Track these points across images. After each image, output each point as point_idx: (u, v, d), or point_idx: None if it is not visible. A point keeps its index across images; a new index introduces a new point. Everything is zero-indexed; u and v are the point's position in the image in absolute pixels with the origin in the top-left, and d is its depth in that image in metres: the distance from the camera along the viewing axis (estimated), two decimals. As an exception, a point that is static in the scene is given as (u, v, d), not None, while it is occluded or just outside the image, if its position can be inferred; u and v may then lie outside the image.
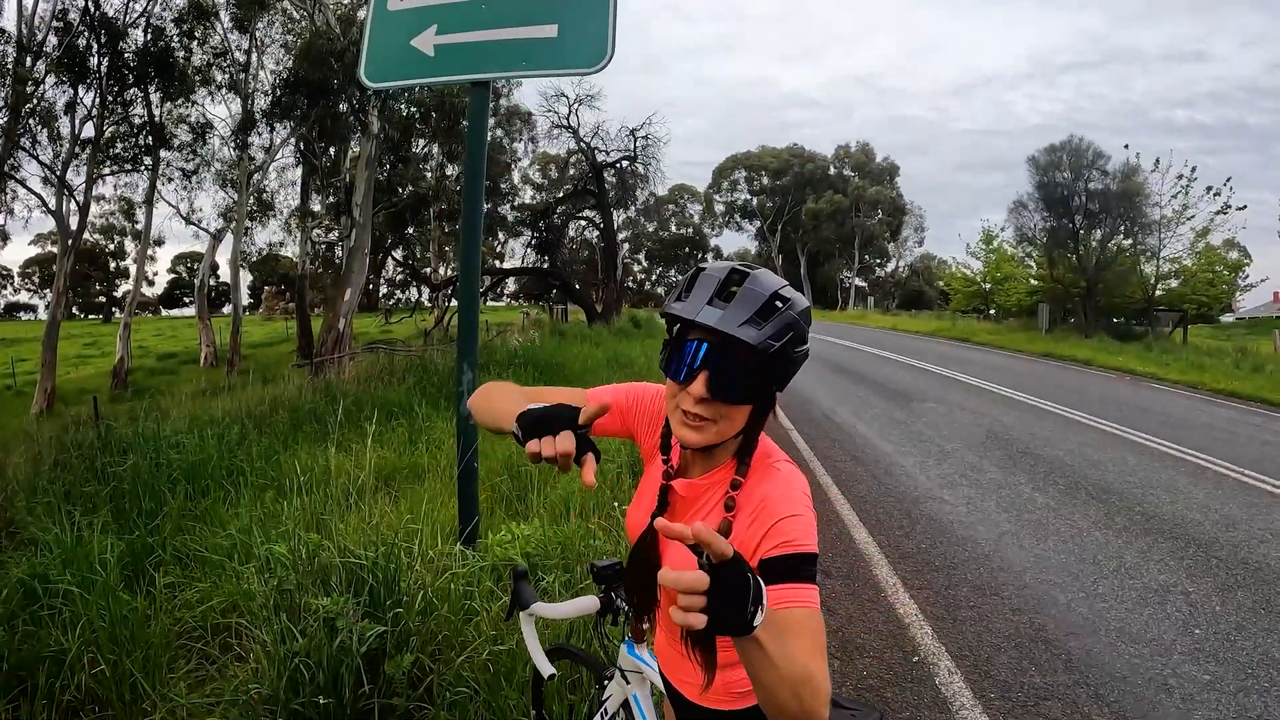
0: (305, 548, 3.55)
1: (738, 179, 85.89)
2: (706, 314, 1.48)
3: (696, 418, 1.54)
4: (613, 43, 4.78)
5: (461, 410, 4.81)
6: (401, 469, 7.29)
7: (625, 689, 2.23)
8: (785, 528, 1.46)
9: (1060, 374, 19.64)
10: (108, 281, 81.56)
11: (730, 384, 1.52)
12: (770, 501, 1.51)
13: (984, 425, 11.50)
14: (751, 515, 1.52)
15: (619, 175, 35.72)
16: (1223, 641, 4.70)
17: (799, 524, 1.47)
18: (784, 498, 1.51)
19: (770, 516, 1.48)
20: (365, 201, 22.74)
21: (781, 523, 1.47)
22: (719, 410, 1.54)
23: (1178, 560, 6.04)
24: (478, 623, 3.60)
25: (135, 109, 25.90)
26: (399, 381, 11.98)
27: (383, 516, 4.75)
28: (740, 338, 1.46)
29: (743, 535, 1.52)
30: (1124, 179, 30.14)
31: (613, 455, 7.26)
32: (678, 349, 1.56)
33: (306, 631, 3.02)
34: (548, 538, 4.87)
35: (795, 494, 1.52)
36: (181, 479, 6.37)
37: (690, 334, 1.54)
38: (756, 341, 1.46)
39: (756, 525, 1.50)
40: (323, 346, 21.30)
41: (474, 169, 5.10)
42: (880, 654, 4.51)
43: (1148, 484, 8.26)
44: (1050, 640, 4.70)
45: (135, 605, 3.99)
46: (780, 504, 1.49)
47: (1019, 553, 6.18)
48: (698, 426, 1.55)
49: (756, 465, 1.60)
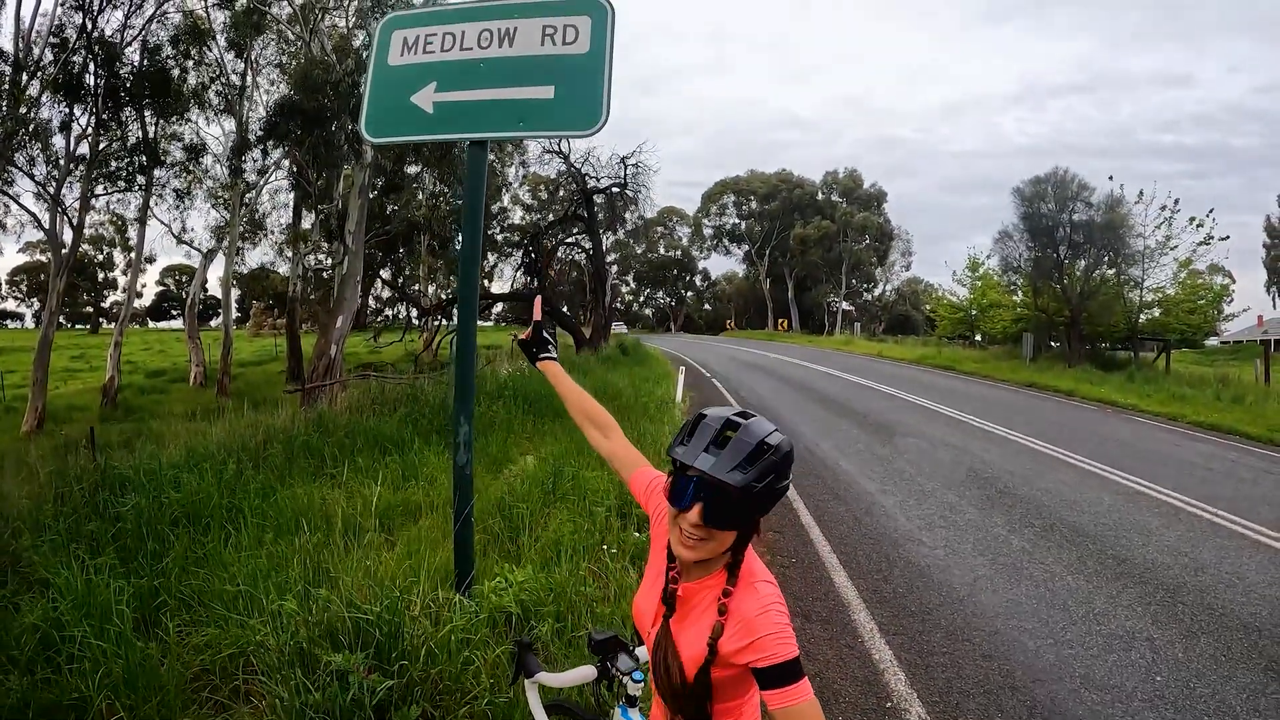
0: (315, 603, 3.76)
1: (726, 203, 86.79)
2: (702, 460, 1.81)
3: (692, 538, 1.85)
4: (607, 107, 4.99)
5: (459, 460, 5.04)
6: (396, 505, 7.44)
7: None
8: (767, 644, 1.77)
9: (1042, 406, 19.95)
10: (95, 292, 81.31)
11: (720, 515, 1.81)
12: (750, 622, 1.81)
13: (964, 463, 11.75)
14: (736, 626, 1.83)
15: (609, 200, 35.99)
16: (1182, 689, 4.92)
17: (778, 639, 1.77)
18: (763, 617, 1.81)
19: (752, 633, 1.80)
20: (358, 230, 22.90)
21: (763, 640, 1.78)
22: (710, 533, 1.83)
23: (1145, 606, 6.27)
24: (476, 670, 3.81)
25: (130, 128, 26.05)
26: (390, 412, 12.09)
27: (382, 563, 4.95)
28: (729, 482, 1.78)
29: (729, 642, 1.83)
30: (1108, 210, 30.53)
31: (601, 498, 7.50)
32: (679, 482, 1.86)
33: (319, 684, 3.23)
34: (540, 586, 5.09)
35: (772, 613, 1.81)
36: (182, 518, 6.51)
37: (690, 470, 1.83)
38: (741, 484, 1.78)
39: (739, 637, 1.81)
40: (314, 373, 21.41)
41: (473, 227, 5.30)
42: (855, 700, 4.74)
43: (1121, 526, 8.50)
44: (1017, 687, 4.93)
45: (149, 651, 4.18)
46: (760, 623, 1.80)
47: (992, 597, 6.41)
48: (692, 546, 1.86)
49: (743, 579, 1.89)
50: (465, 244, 5.37)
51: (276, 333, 51.17)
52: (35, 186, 24.44)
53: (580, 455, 9.15)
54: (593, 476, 8.26)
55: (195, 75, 27.99)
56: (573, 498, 7.54)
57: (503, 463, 9.70)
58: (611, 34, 5.06)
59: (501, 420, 12.25)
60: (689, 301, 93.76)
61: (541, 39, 5.10)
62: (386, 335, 38.25)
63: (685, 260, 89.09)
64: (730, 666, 1.84)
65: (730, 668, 1.84)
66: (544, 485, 7.79)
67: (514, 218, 48.20)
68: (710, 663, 1.85)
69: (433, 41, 5.30)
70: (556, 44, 5.09)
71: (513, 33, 5.15)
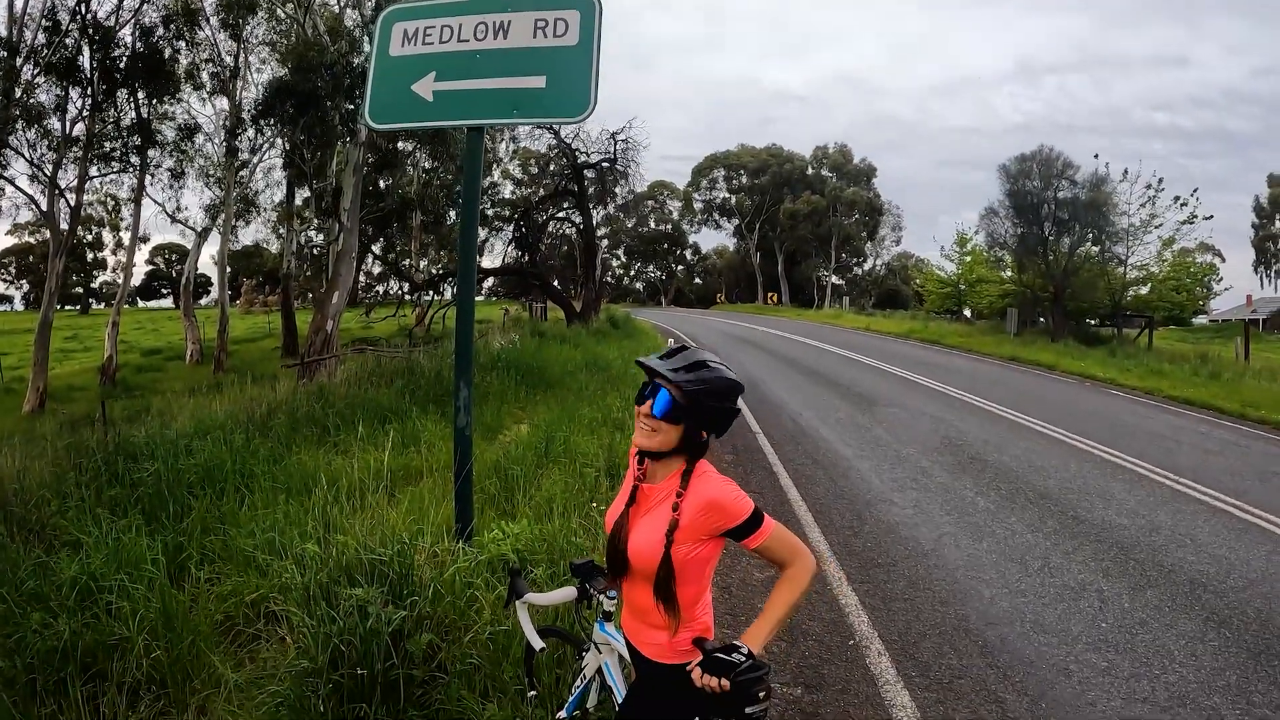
0: (335, 547, 4.23)
1: (717, 177, 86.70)
2: (654, 362, 2.40)
3: (644, 429, 2.42)
4: (595, 94, 5.38)
5: (459, 423, 5.47)
6: (398, 470, 7.83)
7: (598, 658, 2.98)
8: (729, 509, 2.35)
9: (1022, 379, 20.34)
10: (84, 273, 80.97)
11: (665, 408, 2.37)
12: (709, 500, 2.36)
13: (940, 431, 12.17)
14: (696, 510, 2.35)
15: (599, 174, 36.18)
16: (1125, 634, 5.36)
17: (735, 503, 2.35)
18: (718, 492, 2.37)
19: (713, 506, 2.36)
20: (353, 207, 23.19)
21: (724, 507, 2.35)
22: (658, 425, 2.39)
23: (1098, 561, 6.72)
24: (479, 608, 4.28)
25: (124, 110, 26.26)
26: (387, 384, 12.43)
27: (388, 516, 5.38)
28: (668, 376, 2.36)
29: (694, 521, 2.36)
30: (1092, 188, 30.88)
31: (591, 461, 7.96)
32: (642, 388, 2.45)
33: (341, 616, 3.68)
34: (535, 535, 5.56)
35: (724, 487, 2.39)
36: (198, 483, 6.92)
37: (645, 368, 2.43)
38: (676, 380, 2.36)
39: (703, 514, 2.35)
40: (310, 348, 21.77)
41: (470, 207, 5.71)
42: (821, 638, 5.24)
43: (1084, 490, 8.95)
44: (971, 629, 5.41)
45: (180, 598, 4.63)
46: (718, 497, 2.36)
47: (955, 552, 6.89)
48: (645, 435, 2.42)
49: (694, 480, 2.41)
50: (464, 223, 5.79)
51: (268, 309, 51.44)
52: (30, 168, 24.67)
53: (571, 422, 9.60)
54: (583, 441, 8.71)
55: (188, 56, 28.20)
56: (564, 460, 8.01)
57: (497, 430, 10.14)
58: (599, 26, 5.42)
59: (495, 390, 12.68)
60: (679, 276, 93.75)
61: (534, 31, 5.44)
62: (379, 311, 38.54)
63: (676, 234, 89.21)
64: (698, 543, 2.37)
65: (698, 544, 2.38)
66: (537, 449, 8.24)
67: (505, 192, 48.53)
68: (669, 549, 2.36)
69: (431, 33, 5.62)
70: (548, 36, 5.43)
71: (507, 25, 5.48)
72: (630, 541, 2.45)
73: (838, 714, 4.32)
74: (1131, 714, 4.39)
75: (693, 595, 2.44)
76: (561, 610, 4.23)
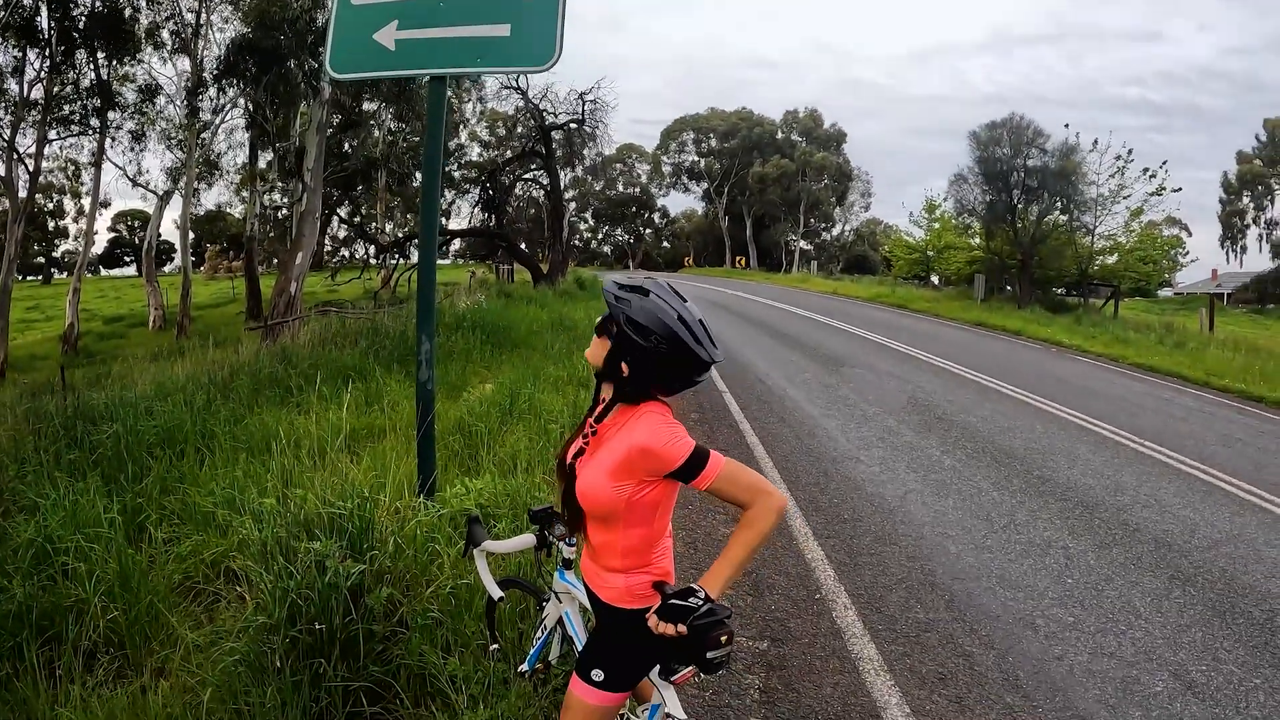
0: (293, 501, 4.13)
1: (686, 141, 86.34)
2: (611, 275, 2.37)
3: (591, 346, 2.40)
4: (560, 43, 5.27)
5: (421, 377, 5.39)
6: (360, 429, 7.77)
7: (559, 607, 2.90)
8: (666, 453, 2.21)
9: (989, 343, 20.45)
10: (46, 242, 79.21)
11: (601, 320, 2.35)
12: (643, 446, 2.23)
13: (907, 392, 12.23)
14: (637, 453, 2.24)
15: (567, 136, 35.91)
16: (1091, 590, 5.41)
17: (672, 446, 2.21)
18: (651, 436, 2.23)
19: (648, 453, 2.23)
20: (316, 166, 22.81)
21: (659, 452, 2.22)
22: (597, 339, 2.36)
23: (1064, 519, 6.77)
24: (440, 563, 4.21)
25: (84, 71, 25.60)
26: (352, 345, 12.32)
27: (350, 473, 5.30)
28: (605, 286, 2.34)
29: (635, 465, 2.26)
30: (1062, 157, 30.94)
31: (556, 417, 7.91)
32: None
33: (299, 571, 3.60)
34: (498, 490, 5.51)
35: (658, 429, 2.24)
36: (157, 444, 6.81)
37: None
38: (605, 290, 2.32)
39: (648, 458, 2.23)
40: (274, 309, 21.48)
41: (432, 160, 5.60)
42: (787, 591, 5.23)
43: (1049, 450, 9.02)
44: (937, 584, 5.43)
45: (138, 559, 4.53)
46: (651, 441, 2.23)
47: (921, 509, 6.92)
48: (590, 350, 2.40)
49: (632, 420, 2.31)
50: (426, 173, 5.67)
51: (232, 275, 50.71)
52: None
53: (537, 380, 9.54)
54: (549, 399, 8.66)
55: (149, 15, 27.43)
56: (529, 417, 7.95)
57: (461, 389, 10.06)
58: (565, -26, 5.31)
59: (460, 350, 12.59)
60: (647, 239, 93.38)
61: (498, -22, 5.32)
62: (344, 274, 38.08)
63: (644, 198, 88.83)
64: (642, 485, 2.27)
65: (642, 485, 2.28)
66: (502, 406, 8.17)
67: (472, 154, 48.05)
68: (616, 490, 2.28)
69: (394, -19, 5.50)
70: (512, -17, 5.31)
71: (470, -28, 5.36)
72: (579, 479, 2.37)
73: (804, 666, 4.32)
74: (1098, 668, 4.42)
75: (644, 537, 2.37)
76: (526, 562, 4.19)
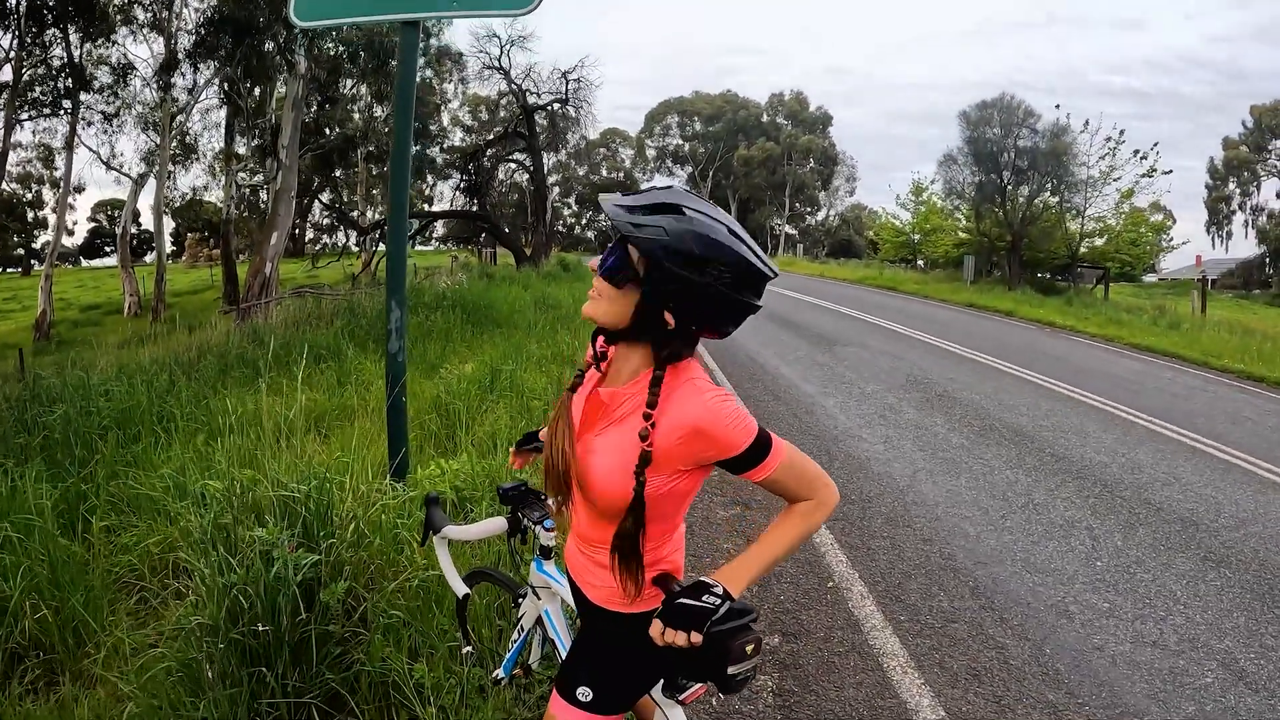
0: (239, 483, 3.61)
1: (670, 124, 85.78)
2: (610, 197, 1.66)
3: (591, 295, 1.75)
4: (539, -14, 4.87)
5: (391, 348, 4.91)
6: (331, 410, 7.38)
7: (538, 605, 2.41)
8: (728, 438, 1.66)
9: (982, 324, 20.12)
10: (25, 233, 78.04)
11: (612, 263, 1.69)
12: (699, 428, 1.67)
13: (904, 370, 11.86)
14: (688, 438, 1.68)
15: (550, 118, 35.45)
16: (1123, 574, 5.00)
17: (736, 429, 1.66)
18: (709, 415, 1.67)
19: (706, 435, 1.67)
20: (291, 143, 22.21)
21: (722, 435, 1.66)
22: (604, 288, 1.71)
23: (1083, 499, 6.37)
24: (409, 553, 3.72)
25: (54, 50, 24.88)
26: (327, 325, 12.00)
27: (314, 455, 4.82)
28: (607, 210, 1.66)
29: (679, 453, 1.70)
30: (1053, 138, 30.71)
31: (539, 394, 7.46)
32: None
33: (243, 563, 3.10)
34: (476, 471, 5.02)
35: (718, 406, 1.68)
36: (112, 426, 6.39)
37: None
38: (615, 218, 1.62)
39: (700, 443, 1.68)
40: (249, 291, 20.91)
41: (403, 109, 5.14)
42: (795, 579, 4.77)
43: (1059, 428, 8.63)
44: (959, 569, 4.99)
45: (74, 550, 4.05)
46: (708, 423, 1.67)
47: (932, 488, 6.49)
48: (591, 299, 1.75)
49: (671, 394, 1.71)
50: (398, 128, 5.21)
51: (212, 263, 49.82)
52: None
53: (519, 358, 9.10)
54: (531, 377, 8.22)
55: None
56: (510, 395, 7.50)
57: (440, 368, 9.63)
58: (543, -89, 4.91)
59: (440, 329, 12.17)
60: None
61: (474, -83, 4.95)
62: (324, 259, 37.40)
63: (628, 182, 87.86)
64: (677, 475, 1.73)
65: (676, 476, 1.73)
66: (482, 384, 7.73)
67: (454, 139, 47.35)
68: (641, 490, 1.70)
69: (362, -79, 5.08)
70: (489, -78, 4.94)
71: (444, -90, 4.96)
72: (591, 468, 1.77)
73: (822, 664, 3.85)
74: (1142, 658, 3.99)
75: (661, 532, 1.84)
76: (503, 549, 3.69)
